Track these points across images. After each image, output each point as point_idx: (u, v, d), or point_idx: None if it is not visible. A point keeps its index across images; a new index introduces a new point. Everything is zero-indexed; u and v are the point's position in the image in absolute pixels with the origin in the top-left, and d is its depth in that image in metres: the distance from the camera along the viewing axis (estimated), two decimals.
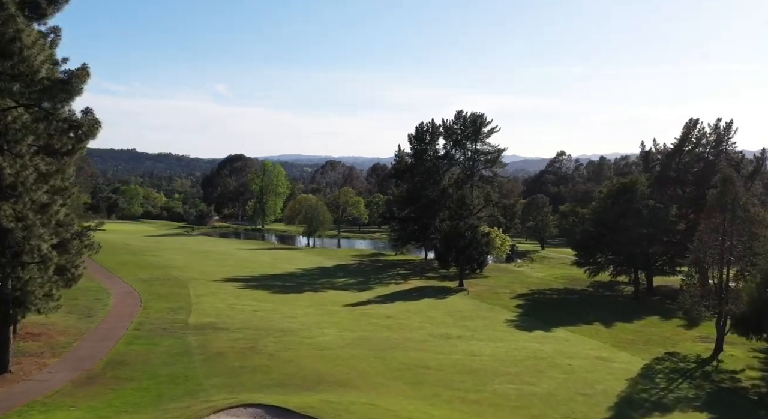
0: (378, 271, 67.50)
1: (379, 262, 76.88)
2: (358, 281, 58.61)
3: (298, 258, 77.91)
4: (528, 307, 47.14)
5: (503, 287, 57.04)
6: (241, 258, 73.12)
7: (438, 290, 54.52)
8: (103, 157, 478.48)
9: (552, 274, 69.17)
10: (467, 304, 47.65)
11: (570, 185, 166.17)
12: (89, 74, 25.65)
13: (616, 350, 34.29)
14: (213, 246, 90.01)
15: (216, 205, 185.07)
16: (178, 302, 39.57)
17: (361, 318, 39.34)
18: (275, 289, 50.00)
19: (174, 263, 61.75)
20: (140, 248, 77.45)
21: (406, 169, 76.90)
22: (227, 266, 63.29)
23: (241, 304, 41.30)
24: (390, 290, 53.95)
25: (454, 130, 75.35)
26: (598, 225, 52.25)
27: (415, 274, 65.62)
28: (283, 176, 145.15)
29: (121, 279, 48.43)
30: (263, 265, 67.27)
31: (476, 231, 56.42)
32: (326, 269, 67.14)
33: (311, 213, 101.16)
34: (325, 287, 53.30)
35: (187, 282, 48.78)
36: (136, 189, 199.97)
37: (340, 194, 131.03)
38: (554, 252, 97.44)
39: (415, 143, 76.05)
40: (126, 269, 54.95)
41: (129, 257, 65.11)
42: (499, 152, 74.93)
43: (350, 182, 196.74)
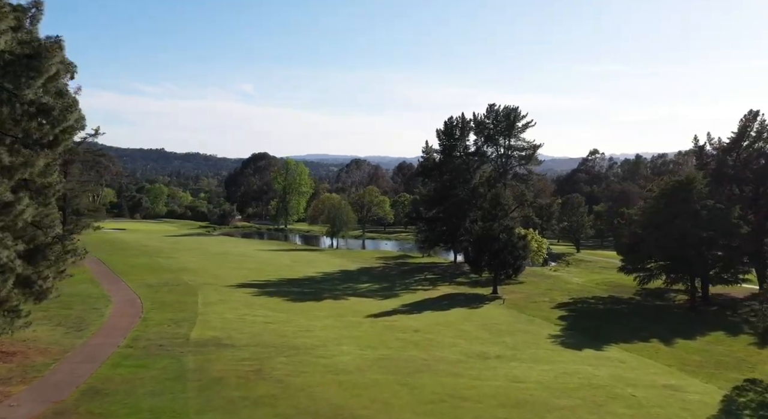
0: (404, 275, 63.04)
1: (405, 265, 72.42)
2: (383, 287, 54.22)
3: (319, 261, 73.86)
4: (572, 319, 42.16)
5: (541, 294, 52.08)
6: (260, 260, 69.33)
7: (470, 298, 49.83)
8: (132, 156, 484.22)
9: (592, 280, 63.89)
10: (504, 315, 42.87)
11: (603, 184, 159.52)
12: (62, 47, 21.85)
13: (685, 375, 29.26)
14: (232, 247, 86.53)
15: (239, 204, 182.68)
16: (183, 313, 35.64)
17: (386, 332, 34.92)
18: (292, 296, 45.88)
19: (187, 266, 58.14)
20: (156, 249, 74.24)
21: (434, 166, 72.27)
22: (243, 270, 59.49)
23: (252, 314, 37.21)
24: (417, 297, 49.46)
25: (485, 124, 70.49)
26: (648, 228, 46.95)
27: (444, 279, 60.98)
28: (307, 175, 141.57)
29: (127, 284, 44.81)
30: (282, 268, 63.32)
31: (511, 234, 51.57)
32: (349, 273, 62.91)
33: (334, 213, 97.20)
34: (346, 294, 49.05)
35: (197, 288, 44.95)
36: (160, 188, 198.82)
37: (364, 194, 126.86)
38: (590, 255, 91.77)
39: (444, 139, 71.41)
40: (134, 272, 51.45)
41: (141, 259, 61.77)
42: (534, 148, 69.84)
43: (375, 181, 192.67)
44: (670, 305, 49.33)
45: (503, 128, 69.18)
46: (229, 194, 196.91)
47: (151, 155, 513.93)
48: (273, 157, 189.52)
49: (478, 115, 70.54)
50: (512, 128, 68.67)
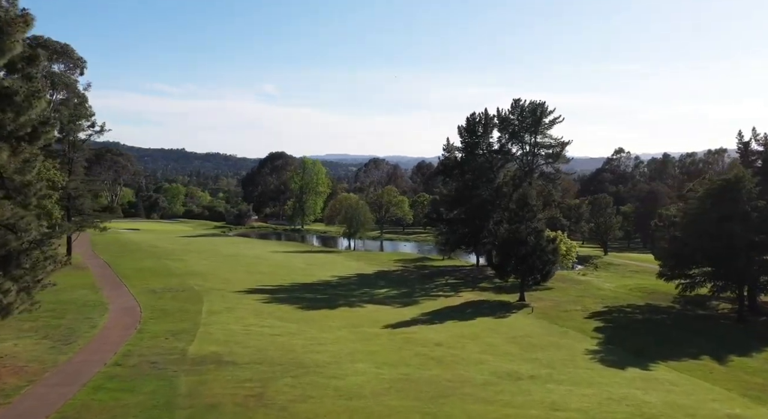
0: (424, 280, 59.67)
1: (424, 269, 69.03)
2: (402, 293, 50.92)
3: (335, 263, 70.78)
4: (609, 331, 38.41)
5: (572, 302, 48.36)
6: (273, 263, 66.45)
7: (495, 306, 46.30)
8: (153, 157, 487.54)
9: (625, 285, 59.90)
10: (533, 326, 39.28)
11: (629, 184, 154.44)
12: (29, 23, 18.94)
13: (749, 402, 25.50)
14: (246, 249, 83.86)
15: (256, 204, 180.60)
16: (184, 323, 32.69)
17: (405, 347, 31.61)
18: (305, 303, 42.78)
19: (196, 270, 55.40)
20: (166, 251, 71.79)
21: (455, 165, 68.76)
22: (255, 274, 56.62)
23: (260, 325, 34.15)
24: (438, 305, 46.07)
25: (510, 120, 66.80)
26: (692, 231, 42.99)
27: (467, 284, 57.47)
28: (324, 174, 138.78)
29: (129, 290, 42.08)
30: (296, 272, 60.33)
31: (540, 237, 47.92)
32: (366, 278, 59.70)
33: (351, 213, 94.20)
34: (362, 301, 45.83)
35: (203, 295, 42.06)
36: (177, 188, 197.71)
37: (383, 193, 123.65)
38: (618, 258, 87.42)
39: (466, 136, 67.87)
40: (139, 276, 48.79)
41: (149, 262, 59.20)
42: (562, 145, 65.97)
43: (394, 181, 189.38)
44: (714, 315, 45.30)
45: (529, 124, 65.44)
46: (246, 194, 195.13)
47: (172, 155, 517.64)
48: (290, 156, 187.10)
49: (502, 110, 67.02)
50: (538, 124, 64.90)
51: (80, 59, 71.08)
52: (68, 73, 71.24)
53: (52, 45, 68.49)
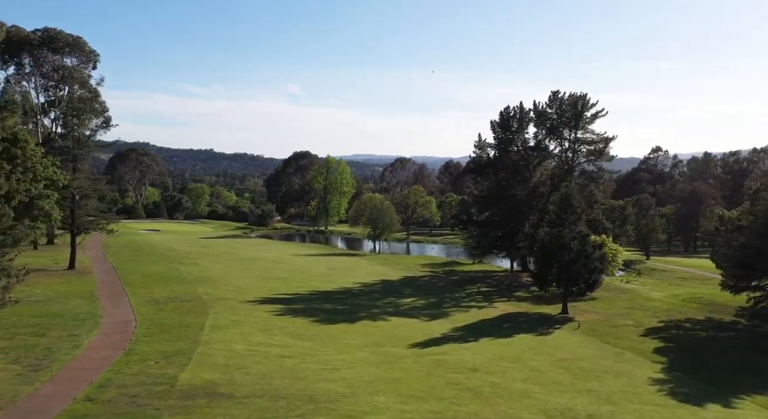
0: (454, 287, 54.88)
1: (454, 274, 64.22)
2: (430, 304, 46.25)
3: (358, 268, 66.41)
4: (673, 354, 33.15)
5: (622, 315, 43.10)
6: (292, 268, 62.32)
7: (535, 319, 41.32)
8: (182, 157, 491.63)
9: (675, 295, 54.37)
10: (582, 346, 34.24)
11: (668, 184, 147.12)
12: None
13: None
14: (265, 251, 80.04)
15: (280, 204, 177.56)
16: (181, 342, 28.53)
17: (435, 372, 26.95)
18: (322, 316, 38.38)
19: (208, 276, 51.52)
20: (181, 254, 68.26)
21: (488, 163, 63.82)
22: (271, 280, 52.53)
23: (268, 344, 29.84)
24: (471, 317, 41.26)
25: (547, 115, 61.57)
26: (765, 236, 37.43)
27: (501, 293, 52.52)
28: (348, 174, 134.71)
29: (129, 300, 38.20)
30: (316, 278, 56.11)
31: (585, 242, 42.77)
32: (390, 285, 55.18)
33: (376, 214, 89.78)
34: (387, 313, 41.29)
35: (209, 306, 37.97)
36: (202, 188, 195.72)
37: (409, 193, 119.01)
38: (661, 262, 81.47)
39: (500, 132, 62.85)
40: (145, 284, 45.00)
41: (160, 266, 55.54)
42: (606, 140, 60.45)
43: (421, 181, 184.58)
44: None
45: (569, 118, 60.12)
46: (270, 194, 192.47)
47: (200, 156, 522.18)
48: (315, 155, 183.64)
49: (539, 104, 61.79)
50: (579, 119, 59.54)
51: (93, 52, 68.13)
52: (81, 67, 68.37)
53: (63, 38, 65.62)
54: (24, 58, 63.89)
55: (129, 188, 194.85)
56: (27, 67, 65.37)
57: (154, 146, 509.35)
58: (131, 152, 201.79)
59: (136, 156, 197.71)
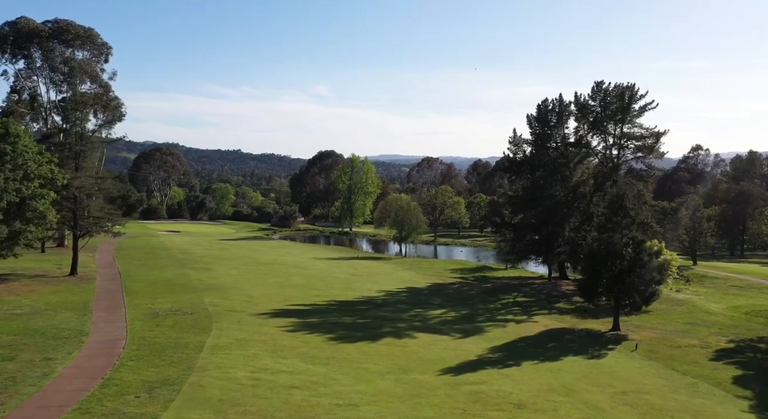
0: (487, 297, 49.95)
1: (486, 281, 59.27)
2: (462, 316, 41.44)
3: (383, 274, 61.90)
4: (757, 385, 27.77)
5: (682, 333, 37.71)
6: (312, 274, 58.05)
7: (583, 338, 36.22)
8: (211, 157, 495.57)
9: (736, 307, 48.65)
10: (645, 373, 29.09)
11: (709, 184, 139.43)
12: None
13: None
14: (285, 255, 76.07)
15: (305, 205, 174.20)
16: (172, 367, 24.32)
17: (472, 410, 22.24)
18: (340, 332, 33.91)
19: (220, 283, 47.53)
20: (196, 258, 64.62)
21: (523, 160, 58.65)
22: (288, 288, 48.28)
23: (275, 369, 25.45)
24: (508, 334, 36.34)
25: (590, 107, 56.13)
26: None
27: (540, 304, 47.42)
28: (373, 173, 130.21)
29: (125, 312, 34.26)
30: (336, 285, 51.77)
31: (641, 248, 37.48)
32: (417, 293, 50.52)
33: (402, 216, 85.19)
34: (413, 328, 36.63)
35: (215, 319, 33.82)
36: (226, 188, 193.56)
37: (437, 194, 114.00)
38: (709, 268, 75.14)
39: (537, 127, 57.65)
40: (149, 292, 41.14)
41: (170, 272, 51.80)
42: (656, 135, 54.71)
43: (448, 181, 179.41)
44: None
45: (614, 110, 54.59)
46: (294, 195, 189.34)
47: (228, 156, 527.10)
48: (340, 155, 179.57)
49: (581, 96, 56.36)
50: (626, 111, 53.97)
51: (105, 45, 64.81)
52: (93, 60, 65.19)
53: (75, 29, 62.38)
54: (33, 51, 60.90)
55: (154, 188, 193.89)
56: (38, 60, 62.40)
57: (184, 147, 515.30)
58: (156, 152, 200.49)
59: (160, 156, 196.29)
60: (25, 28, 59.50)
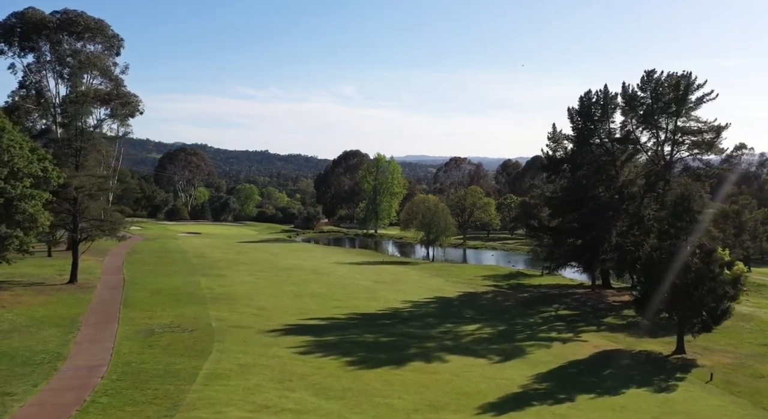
0: (525, 309, 44.93)
1: (522, 290, 54.25)
2: (499, 333, 36.59)
3: (409, 281, 57.27)
4: None
5: (761, 357, 32.35)
6: (332, 281, 53.70)
7: (643, 362, 31.08)
8: (238, 158, 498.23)
9: None
10: (729, 413, 23.92)
11: (756, 184, 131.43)
12: None
13: None
14: (306, 258, 71.92)
15: (329, 206, 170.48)
16: (153, 406, 20.08)
17: None
18: (360, 354, 29.39)
19: (231, 292, 43.43)
20: (211, 262, 60.81)
21: (564, 158, 53.40)
22: (305, 298, 43.93)
23: (279, 407, 21.03)
24: (555, 357, 31.37)
25: (639, 99, 50.60)
26: None
27: (586, 318, 42.23)
28: (400, 173, 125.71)
29: (117, 329, 30.25)
30: (358, 294, 47.29)
31: (710, 259, 32.15)
32: (448, 304, 45.76)
33: (430, 218, 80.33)
34: (444, 347, 31.95)
35: (217, 338, 29.59)
36: (251, 189, 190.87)
37: (466, 195, 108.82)
38: (763, 274, 68.83)
39: (579, 121, 52.36)
40: (151, 303, 37.18)
41: (179, 279, 47.91)
42: (716, 130, 48.85)
43: (477, 182, 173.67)
44: None
45: (667, 102, 48.97)
46: (319, 195, 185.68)
47: (256, 157, 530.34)
48: (365, 154, 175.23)
49: (629, 86, 50.83)
50: (682, 103, 48.27)
51: (116, 37, 61.36)
52: (106, 53, 61.87)
53: (84, 21, 59.00)
54: (42, 43, 57.77)
55: (179, 189, 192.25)
56: (47, 54, 59.30)
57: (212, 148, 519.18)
58: (180, 152, 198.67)
59: (185, 156, 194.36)
60: (33, 19, 56.39)
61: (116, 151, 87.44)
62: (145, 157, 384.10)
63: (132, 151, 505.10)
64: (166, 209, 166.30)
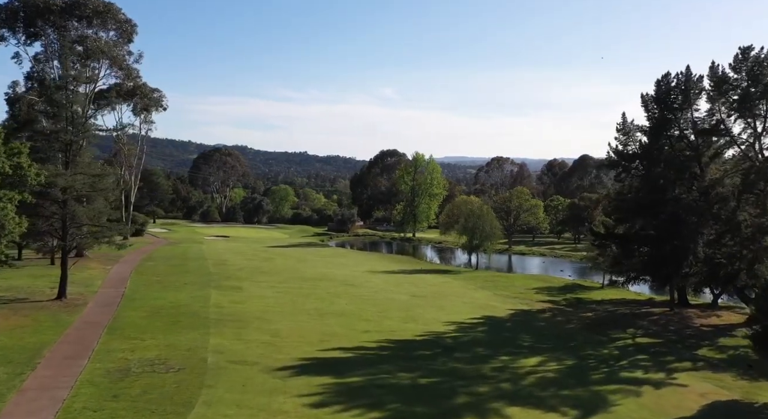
0: (592, 334, 37.17)
1: (583, 306, 46.52)
2: (567, 370, 29.00)
3: (451, 295, 50.06)
4: None
5: None
6: (363, 294, 46.83)
7: None
8: (278, 159, 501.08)
9: None
10: None
11: None
12: None
13: None
14: (337, 266, 65.41)
15: (365, 207, 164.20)
16: None
17: None
18: (392, 405, 22.30)
19: (243, 311, 36.91)
20: (230, 271, 54.82)
21: (636, 153, 45.29)
22: (330, 317, 37.09)
23: None
24: (651, 412, 23.62)
25: (732, 82, 42.16)
26: None
27: (673, 348, 34.15)
28: (439, 173, 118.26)
29: (86, 367, 23.90)
30: (392, 312, 40.25)
31: None
32: (499, 326, 38.34)
33: (474, 222, 72.84)
34: (500, 394, 24.57)
35: (209, 381, 22.97)
36: (286, 190, 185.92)
37: (511, 196, 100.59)
38: None
39: (655, 110, 44.23)
40: (142, 328, 30.89)
41: (187, 293, 41.73)
42: None
43: (520, 182, 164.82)
44: None
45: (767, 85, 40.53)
46: (355, 196, 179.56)
47: (295, 158, 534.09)
48: (403, 154, 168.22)
49: (718, 67, 42.39)
50: None
51: (127, 22, 55.71)
52: (120, 41, 56.43)
53: (92, 3, 53.60)
54: (49, 29, 52.60)
55: (213, 190, 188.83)
56: (55, 43, 54.18)
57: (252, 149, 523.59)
58: (215, 152, 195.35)
59: (219, 156, 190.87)
60: (36, 1, 51.23)
61: (138, 149, 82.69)
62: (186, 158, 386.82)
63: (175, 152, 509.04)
64: (200, 210, 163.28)
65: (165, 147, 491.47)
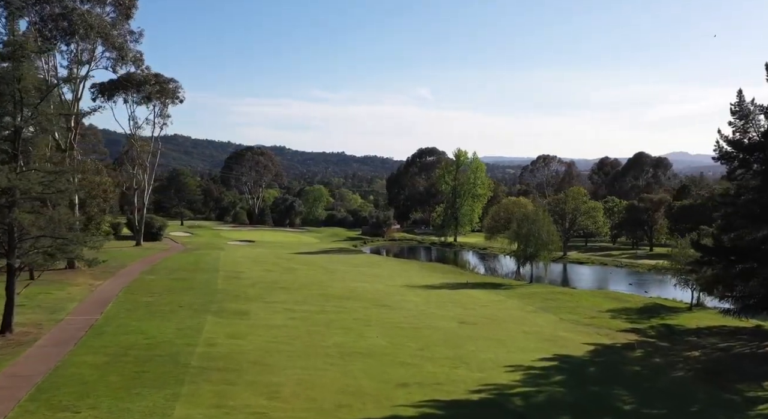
0: (715, 389, 26.85)
1: (681, 341, 36.19)
2: None
3: (508, 320, 40.24)
4: None
5: None
6: (399, 321, 37.31)
7: None
8: (315, 160, 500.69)
9: None
10: None
11: None
12: None
13: None
14: (370, 279, 56.27)
15: (402, 209, 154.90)
16: None
17: None
18: None
19: (239, 352, 27.70)
20: (242, 286, 46.20)
21: (759, 142, 34.62)
22: (354, 360, 27.64)
23: None
24: None
25: None
26: None
27: None
28: (483, 172, 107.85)
29: None
30: (437, 349, 30.59)
31: None
32: (579, 373, 28.29)
33: (528, 227, 62.60)
34: None
35: None
36: (319, 191, 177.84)
37: (566, 197, 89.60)
38: None
39: None
40: (88, 385, 22.02)
41: (175, 322, 32.88)
42: None
43: (569, 182, 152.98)
44: None
45: None
46: (391, 197, 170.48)
47: (332, 158, 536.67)
48: (442, 152, 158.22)
49: None
50: None
51: None
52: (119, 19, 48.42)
53: None
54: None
55: (245, 190, 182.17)
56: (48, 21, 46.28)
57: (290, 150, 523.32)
58: (246, 152, 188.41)
59: (251, 156, 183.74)
60: None
61: (152, 146, 75.17)
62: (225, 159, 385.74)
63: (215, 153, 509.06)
64: (232, 211, 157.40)
65: (205, 148, 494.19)
